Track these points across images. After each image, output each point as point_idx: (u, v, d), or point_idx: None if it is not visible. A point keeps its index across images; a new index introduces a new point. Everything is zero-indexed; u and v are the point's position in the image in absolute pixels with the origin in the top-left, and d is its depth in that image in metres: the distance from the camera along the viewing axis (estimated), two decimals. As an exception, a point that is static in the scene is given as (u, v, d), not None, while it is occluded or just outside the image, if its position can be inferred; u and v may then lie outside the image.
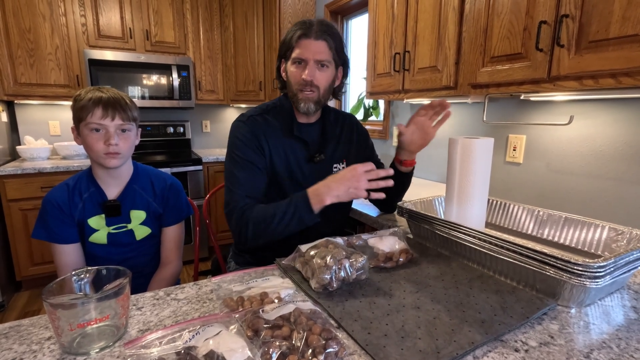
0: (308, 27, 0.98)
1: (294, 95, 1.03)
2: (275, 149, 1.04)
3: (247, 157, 1.00)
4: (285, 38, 1.02)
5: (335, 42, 1.01)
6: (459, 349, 0.53)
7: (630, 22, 0.81)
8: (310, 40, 0.97)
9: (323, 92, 1.03)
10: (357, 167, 0.88)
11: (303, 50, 0.98)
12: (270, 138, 1.04)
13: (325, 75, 1.01)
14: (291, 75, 1.02)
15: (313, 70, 0.98)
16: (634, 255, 0.66)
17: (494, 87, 1.17)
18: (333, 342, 0.51)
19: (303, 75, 0.98)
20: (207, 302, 0.68)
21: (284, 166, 1.05)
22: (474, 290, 0.72)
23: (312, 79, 0.98)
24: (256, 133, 1.03)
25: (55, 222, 1.01)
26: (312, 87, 1.00)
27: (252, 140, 1.02)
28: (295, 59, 0.99)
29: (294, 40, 0.98)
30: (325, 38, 0.98)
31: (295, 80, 1.01)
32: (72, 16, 2.50)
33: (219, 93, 3.14)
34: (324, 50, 0.98)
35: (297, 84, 1.01)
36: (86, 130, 0.97)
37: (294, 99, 1.04)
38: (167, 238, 1.15)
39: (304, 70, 0.99)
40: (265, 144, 1.03)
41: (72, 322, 0.54)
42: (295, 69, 1.00)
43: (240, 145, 1.02)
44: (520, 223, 1.01)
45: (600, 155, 1.18)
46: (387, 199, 1.23)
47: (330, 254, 0.72)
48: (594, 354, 0.54)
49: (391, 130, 2.19)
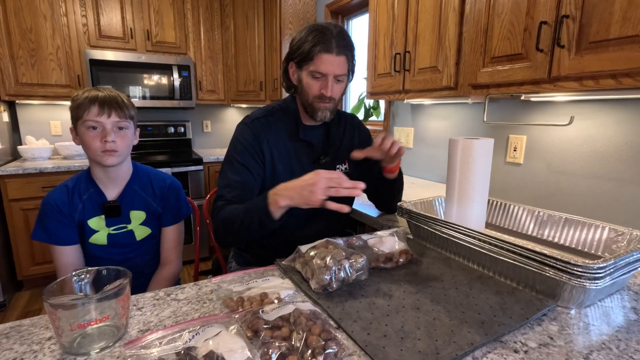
0: (328, 41, 0.95)
1: (310, 105, 1.03)
2: (278, 152, 1.05)
3: (242, 161, 1.01)
4: (301, 45, 0.98)
5: (353, 53, 1.02)
6: (458, 350, 0.53)
7: (630, 22, 0.81)
8: (331, 56, 0.96)
9: (337, 101, 1.05)
10: (320, 172, 0.82)
11: (323, 65, 0.96)
12: (273, 141, 1.04)
13: (341, 87, 1.03)
14: (308, 86, 1.01)
15: (333, 85, 0.99)
16: (634, 256, 0.66)
17: (494, 87, 1.17)
18: (332, 342, 0.51)
19: (323, 90, 0.99)
20: (207, 302, 0.69)
21: (288, 169, 1.05)
22: (473, 291, 0.72)
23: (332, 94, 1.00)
24: (258, 137, 1.03)
25: (54, 223, 1.01)
26: (330, 99, 1.01)
27: (253, 144, 1.02)
28: (315, 73, 0.98)
29: (315, 53, 0.96)
30: (346, 53, 0.98)
31: (312, 92, 1.01)
32: (73, 16, 2.51)
33: (220, 93, 3.14)
34: (343, 66, 0.99)
35: (314, 97, 1.01)
36: (83, 128, 0.97)
37: (309, 109, 1.04)
38: (167, 238, 1.15)
39: (323, 85, 0.99)
40: (266, 148, 1.03)
41: (73, 322, 0.54)
42: (313, 81, 1.00)
43: (240, 149, 1.02)
44: (521, 224, 1.01)
45: (600, 156, 1.18)
46: (384, 202, 1.24)
47: (330, 255, 0.72)
48: (594, 355, 0.54)
49: (392, 130, 2.19)
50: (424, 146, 1.96)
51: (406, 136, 2.07)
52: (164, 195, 1.13)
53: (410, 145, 2.05)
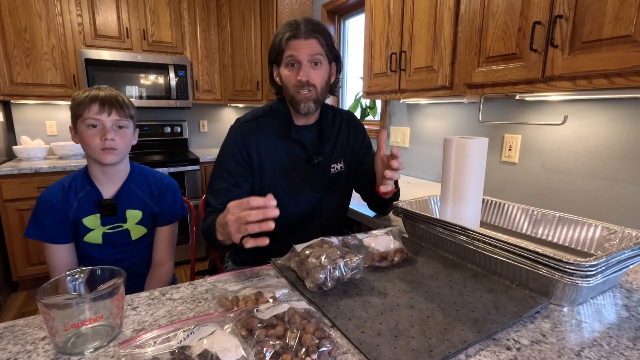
0: (296, 28, 0.97)
1: (292, 98, 1.01)
2: (268, 153, 1.05)
3: (229, 169, 1.02)
4: (274, 43, 1.01)
5: (325, 38, 1.00)
6: (451, 348, 0.54)
7: (622, 22, 0.82)
8: (300, 41, 0.96)
9: (320, 91, 1.02)
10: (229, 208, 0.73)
11: (295, 52, 0.97)
12: (262, 144, 1.04)
13: (320, 74, 1.01)
14: (286, 79, 1.01)
15: (307, 70, 0.98)
16: (625, 254, 0.67)
17: (489, 87, 1.17)
18: (326, 341, 0.52)
19: (298, 76, 0.98)
20: (202, 301, 0.69)
21: (279, 170, 1.05)
22: (467, 290, 0.72)
23: (307, 79, 0.98)
24: (246, 141, 1.03)
25: (49, 221, 1.01)
26: (309, 87, 0.99)
27: (240, 150, 1.03)
28: (288, 62, 0.99)
29: (284, 42, 0.97)
30: (315, 36, 0.98)
31: (291, 82, 1.00)
32: (68, 16, 2.50)
33: (216, 93, 3.14)
34: (315, 48, 0.98)
35: (293, 87, 1.00)
36: (83, 126, 0.98)
37: (292, 102, 1.03)
38: (161, 238, 1.15)
39: (298, 72, 0.98)
40: (254, 151, 1.03)
41: (67, 322, 0.54)
42: (289, 71, 1.00)
43: (228, 156, 1.03)
44: (515, 222, 1.02)
45: (594, 155, 1.19)
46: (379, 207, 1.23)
47: (325, 254, 0.72)
48: (585, 351, 0.55)
49: (388, 129, 2.20)
50: (420, 145, 1.97)
51: (402, 136, 2.08)
52: (161, 195, 1.13)
53: (407, 145, 2.06)
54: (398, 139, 2.11)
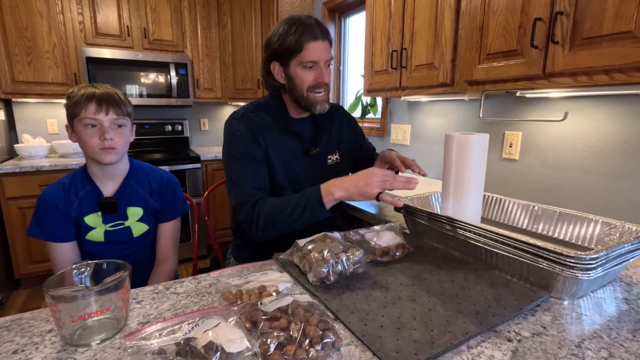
0: (312, 29, 0.98)
1: (304, 97, 1.03)
2: (272, 144, 1.06)
3: (247, 151, 1.02)
4: (285, 41, 0.98)
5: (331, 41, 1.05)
6: (453, 339, 0.54)
7: (623, 18, 0.82)
8: (319, 42, 0.99)
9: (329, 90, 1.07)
10: (375, 168, 0.87)
11: (315, 53, 0.98)
12: (265, 134, 1.05)
13: (330, 73, 1.05)
14: (300, 79, 1.02)
15: (326, 71, 1.02)
16: (625, 247, 0.68)
17: (490, 83, 1.18)
18: (330, 332, 0.52)
19: (319, 78, 1.01)
20: (206, 295, 0.69)
21: (281, 161, 1.07)
22: (469, 283, 0.73)
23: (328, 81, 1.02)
24: (252, 129, 1.04)
25: (50, 220, 1.01)
26: (325, 87, 1.03)
27: (250, 135, 1.03)
28: (307, 63, 0.99)
29: (303, 43, 0.97)
30: (329, 38, 1.02)
31: (307, 83, 1.02)
32: (69, 14, 2.50)
33: (217, 91, 3.14)
34: (329, 50, 1.02)
35: (310, 87, 1.02)
36: (80, 126, 0.97)
37: (303, 101, 1.04)
38: (164, 235, 1.15)
39: (317, 73, 1.01)
40: (261, 139, 1.04)
41: (73, 314, 0.54)
42: (306, 72, 1.01)
43: (239, 141, 1.03)
44: (515, 218, 1.02)
45: (594, 151, 1.20)
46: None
47: (328, 248, 0.73)
48: (585, 343, 0.55)
49: (389, 127, 2.20)
50: (421, 143, 1.97)
51: (403, 133, 2.08)
52: (161, 191, 1.14)
53: (407, 142, 2.06)
54: (399, 137, 2.12)
